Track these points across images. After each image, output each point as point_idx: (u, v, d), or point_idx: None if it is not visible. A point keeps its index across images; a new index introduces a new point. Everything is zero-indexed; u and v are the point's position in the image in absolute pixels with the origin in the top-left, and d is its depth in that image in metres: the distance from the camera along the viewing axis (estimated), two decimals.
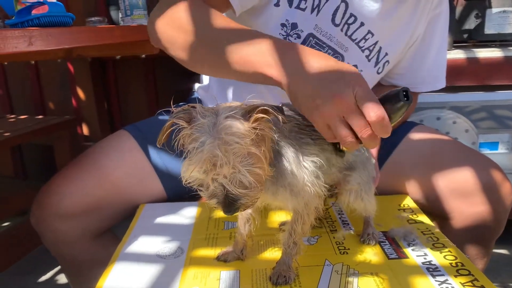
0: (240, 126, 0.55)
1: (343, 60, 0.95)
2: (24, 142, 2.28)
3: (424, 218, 0.88)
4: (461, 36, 1.70)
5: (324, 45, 0.92)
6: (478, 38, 1.67)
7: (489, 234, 0.97)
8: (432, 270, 0.70)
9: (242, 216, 0.75)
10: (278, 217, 0.90)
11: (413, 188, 0.99)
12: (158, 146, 0.57)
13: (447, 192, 0.95)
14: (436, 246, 0.77)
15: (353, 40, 0.93)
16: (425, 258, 0.74)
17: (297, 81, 0.65)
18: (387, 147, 1.02)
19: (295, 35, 0.90)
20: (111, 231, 1.00)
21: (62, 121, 2.06)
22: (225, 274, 0.71)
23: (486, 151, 1.58)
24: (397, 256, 0.75)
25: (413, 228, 0.83)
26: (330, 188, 0.79)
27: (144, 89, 2.28)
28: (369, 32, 0.93)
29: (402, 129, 1.04)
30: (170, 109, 0.58)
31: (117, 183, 0.94)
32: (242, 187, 0.56)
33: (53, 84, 2.35)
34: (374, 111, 0.58)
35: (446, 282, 0.67)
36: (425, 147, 1.01)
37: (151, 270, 0.73)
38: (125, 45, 1.40)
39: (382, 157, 1.02)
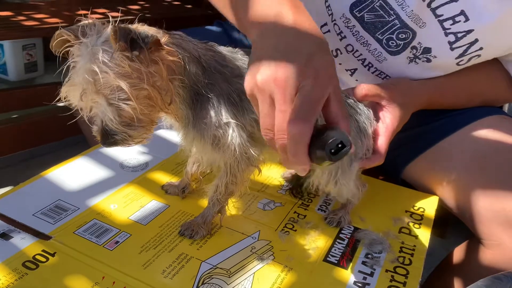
0: (109, 54, 0.48)
1: (412, 39, 0.73)
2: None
3: (425, 235, 0.68)
4: None
5: (392, 13, 0.71)
6: None
7: None
8: None
9: (193, 156, 0.70)
10: None
11: (448, 192, 0.76)
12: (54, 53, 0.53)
13: (489, 214, 0.70)
14: (396, 270, 0.60)
15: (436, 16, 0.70)
16: (364, 279, 0.58)
17: (259, 33, 0.50)
18: (437, 132, 0.79)
19: None
20: None
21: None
22: (153, 204, 0.69)
23: None
24: (335, 261, 0.61)
25: (386, 240, 0.65)
26: None
27: None
28: (462, 13, 0.68)
29: (468, 115, 0.78)
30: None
31: None
32: (120, 122, 0.51)
33: None
34: (293, 121, 0.42)
35: None
36: (484, 147, 0.74)
37: (100, 175, 0.75)
38: None
39: (426, 143, 0.79)
